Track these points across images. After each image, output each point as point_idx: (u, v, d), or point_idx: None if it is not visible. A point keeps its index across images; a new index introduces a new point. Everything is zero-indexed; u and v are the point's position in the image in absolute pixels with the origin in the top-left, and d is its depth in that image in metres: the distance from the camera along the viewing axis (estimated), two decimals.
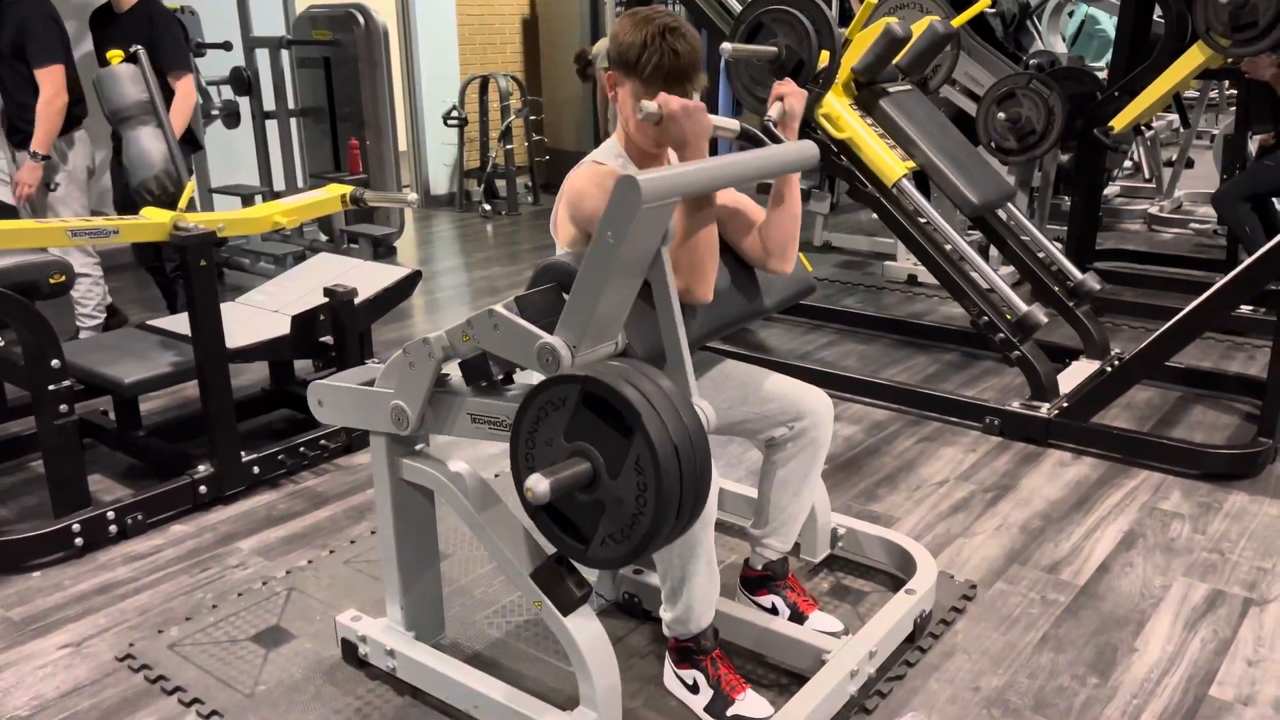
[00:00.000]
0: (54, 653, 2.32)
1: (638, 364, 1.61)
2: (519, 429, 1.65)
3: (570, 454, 1.59)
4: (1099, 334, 3.90)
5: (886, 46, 3.71)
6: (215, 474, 2.99)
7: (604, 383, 1.52)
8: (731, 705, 2.00)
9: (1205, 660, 2.24)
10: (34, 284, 2.71)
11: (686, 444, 1.54)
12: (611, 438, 1.55)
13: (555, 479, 1.53)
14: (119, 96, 3.26)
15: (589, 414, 1.56)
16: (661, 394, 1.55)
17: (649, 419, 1.51)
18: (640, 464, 1.52)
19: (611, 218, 1.61)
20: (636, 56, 1.94)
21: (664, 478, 1.50)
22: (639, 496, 1.53)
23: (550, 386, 1.60)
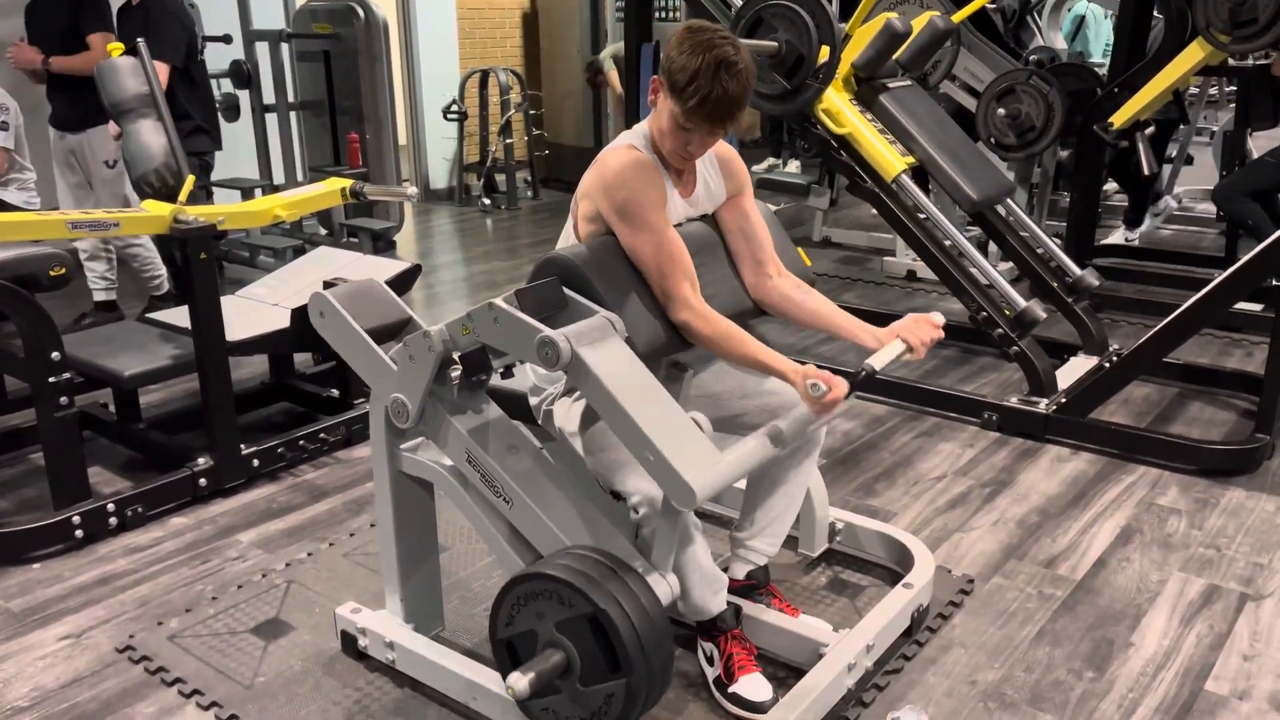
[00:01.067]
0: (54, 644, 2.33)
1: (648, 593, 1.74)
2: (516, 585, 1.77)
3: (552, 642, 1.74)
4: (1097, 330, 3.90)
5: (887, 42, 3.71)
6: (215, 467, 2.99)
7: (616, 626, 1.66)
8: (732, 684, 2.03)
9: (1201, 655, 2.25)
10: (34, 276, 2.71)
11: (658, 690, 1.74)
12: (598, 660, 1.71)
13: (536, 675, 1.69)
14: (119, 89, 3.26)
15: (588, 630, 1.70)
16: (659, 644, 1.70)
17: (639, 675, 1.67)
18: (612, 700, 1.69)
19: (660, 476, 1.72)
20: (685, 84, 1.90)
21: (626, 718, 1.69)
22: (595, 713, 1.73)
23: (566, 586, 1.70)
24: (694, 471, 1.68)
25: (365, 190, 3.29)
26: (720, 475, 1.73)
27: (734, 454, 1.80)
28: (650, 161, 2.01)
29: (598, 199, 2.01)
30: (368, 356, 2.05)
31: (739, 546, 2.26)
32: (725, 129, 1.98)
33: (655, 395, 1.78)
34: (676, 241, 2.00)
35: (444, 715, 2.05)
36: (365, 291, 2.18)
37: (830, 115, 3.71)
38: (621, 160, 1.99)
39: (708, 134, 1.98)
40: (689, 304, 1.98)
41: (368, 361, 2.05)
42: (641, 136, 2.07)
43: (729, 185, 2.21)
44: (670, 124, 1.97)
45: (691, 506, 1.69)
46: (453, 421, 1.95)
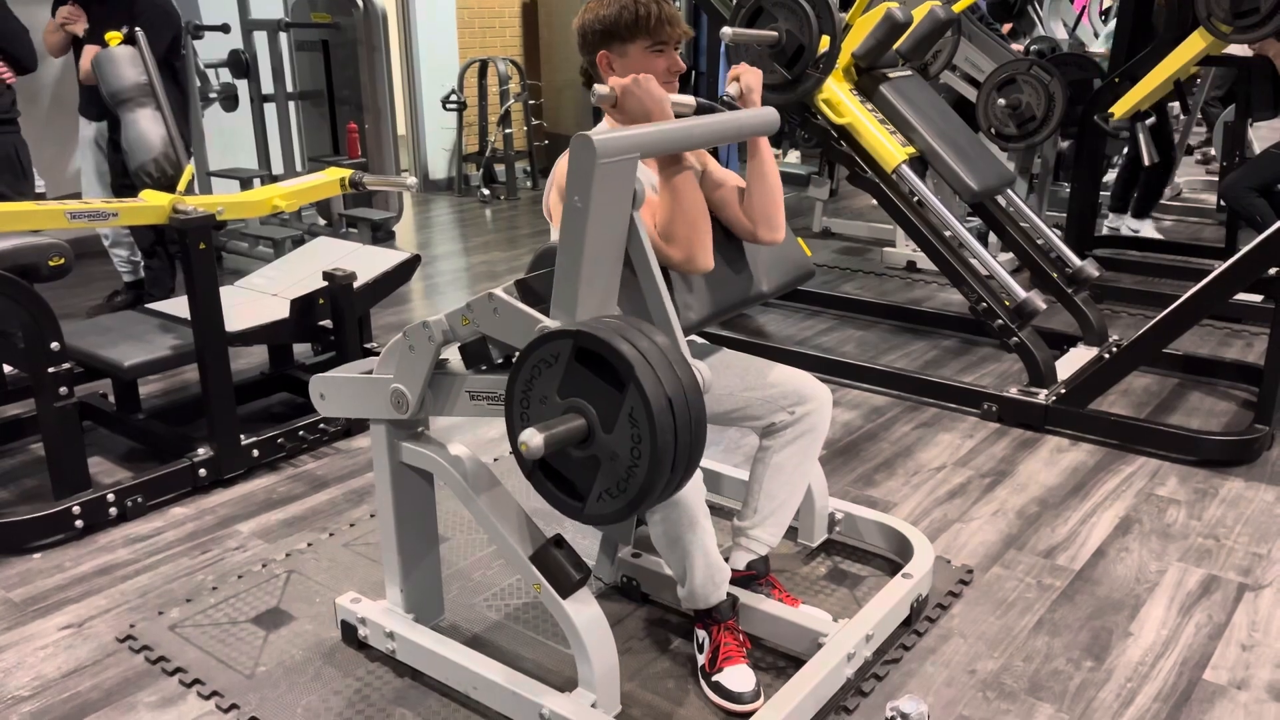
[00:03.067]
0: (55, 634, 2.33)
1: (631, 320, 1.61)
2: (513, 389, 1.64)
3: (564, 410, 1.59)
4: (1097, 320, 3.90)
5: (887, 31, 3.70)
6: (215, 457, 2.99)
7: (596, 336, 1.52)
8: (717, 673, 2.05)
9: (1199, 645, 2.25)
10: (33, 266, 2.70)
11: (680, 396, 1.54)
12: (605, 392, 1.54)
13: (549, 433, 1.53)
14: (117, 79, 3.25)
15: (582, 369, 1.56)
16: (655, 347, 1.54)
17: (642, 371, 1.50)
18: (634, 416, 1.52)
19: (574, 180, 1.64)
20: (630, 19, 2.02)
21: (658, 429, 1.50)
22: (633, 449, 1.53)
23: (543, 343, 1.59)
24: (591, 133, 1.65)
25: (364, 180, 3.28)
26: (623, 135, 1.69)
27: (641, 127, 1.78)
28: None
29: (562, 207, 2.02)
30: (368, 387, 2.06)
31: (741, 536, 2.27)
32: (673, 36, 2.07)
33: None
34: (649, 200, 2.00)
35: (444, 705, 2.06)
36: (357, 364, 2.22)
37: (830, 105, 3.71)
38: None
39: (676, 40, 2.08)
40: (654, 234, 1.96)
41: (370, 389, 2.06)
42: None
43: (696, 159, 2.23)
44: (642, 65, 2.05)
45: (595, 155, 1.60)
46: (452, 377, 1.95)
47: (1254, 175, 4.75)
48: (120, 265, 4.80)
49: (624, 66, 2.07)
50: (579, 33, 2.10)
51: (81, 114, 4.52)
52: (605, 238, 1.72)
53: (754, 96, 2.08)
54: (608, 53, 2.07)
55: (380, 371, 2.03)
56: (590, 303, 1.73)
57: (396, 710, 2.05)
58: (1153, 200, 5.88)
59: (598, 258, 1.72)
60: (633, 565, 2.39)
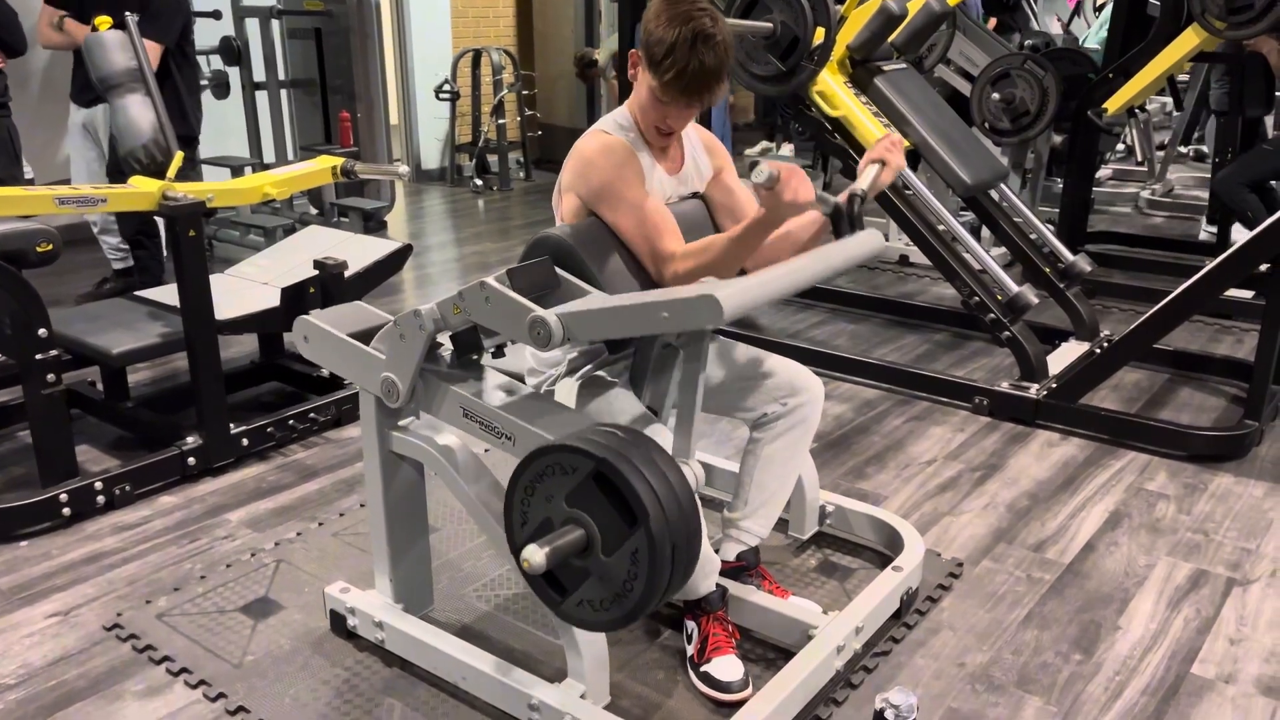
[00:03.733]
0: (41, 621, 2.32)
1: (651, 445, 1.62)
2: (520, 476, 1.66)
3: (567, 519, 1.61)
4: (1089, 316, 3.91)
5: (882, 24, 3.69)
6: (204, 446, 2.98)
7: (620, 471, 1.54)
8: (705, 664, 2.05)
9: (1188, 639, 2.26)
10: (21, 252, 2.68)
11: (684, 541, 1.59)
12: (613, 519, 1.58)
13: (552, 548, 1.56)
14: (107, 64, 3.22)
15: (595, 489, 1.58)
16: (670, 489, 1.57)
17: (655, 519, 1.54)
18: (637, 556, 1.56)
19: (681, 315, 1.61)
20: (661, 57, 1.89)
21: (657, 573, 1.55)
22: (627, 581, 1.59)
23: (563, 452, 1.60)
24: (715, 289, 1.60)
25: (356, 169, 3.26)
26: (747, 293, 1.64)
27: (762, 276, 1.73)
28: (619, 142, 2.00)
29: (577, 188, 2.02)
30: (356, 355, 2.04)
31: (731, 527, 2.27)
32: (702, 103, 1.96)
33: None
34: (656, 206, 1.99)
35: (433, 694, 2.05)
36: (347, 311, 2.18)
37: (824, 97, 3.70)
38: (592, 146, 2.00)
39: (684, 108, 1.97)
40: (675, 254, 1.95)
41: (357, 360, 2.04)
42: (619, 118, 2.07)
43: (713, 162, 2.22)
44: (649, 97, 1.97)
45: (720, 320, 1.57)
46: (446, 385, 1.94)
47: (1247, 171, 4.76)
48: (110, 252, 4.77)
49: (640, 81, 1.99)
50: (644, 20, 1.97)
51: (73, 100, 4.48)
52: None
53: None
54: (639, 59, 1.98)
55: (374, 347, 2.01)
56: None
57: (385, 700, 2.04)
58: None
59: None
60: None
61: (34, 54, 4.81)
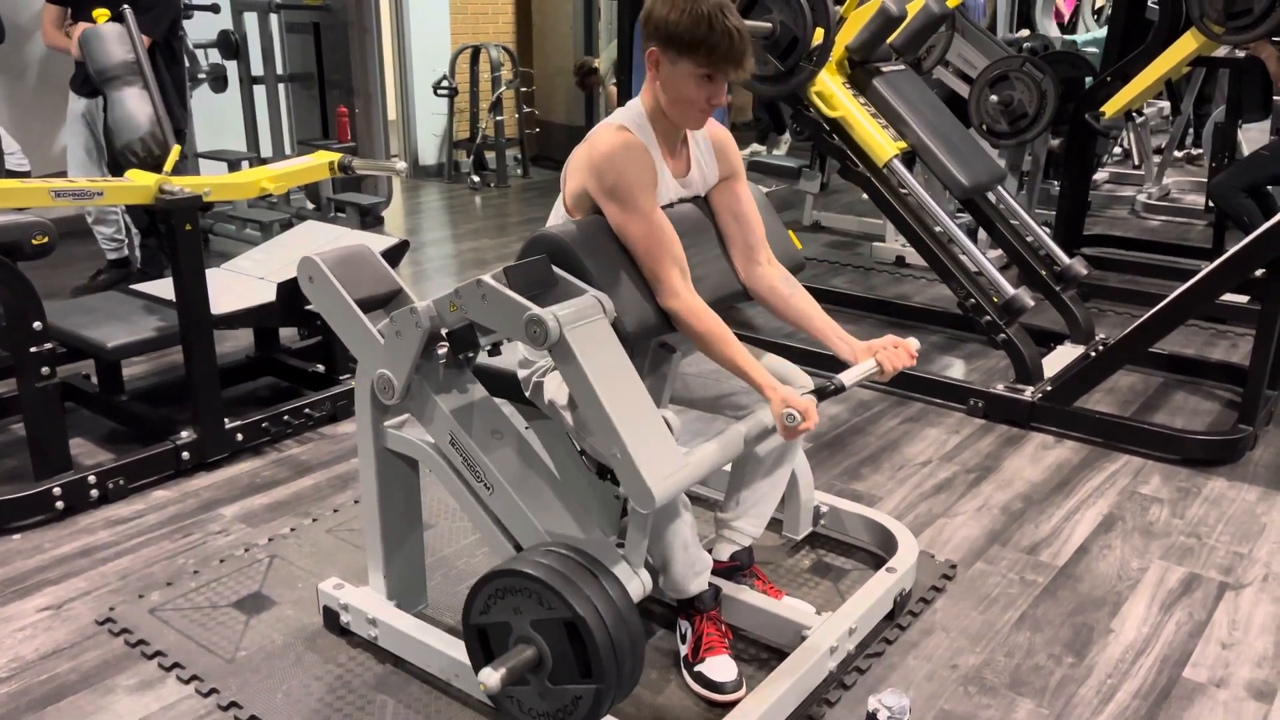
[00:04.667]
0: (33, 615, 2.31)
1: (632, 616, 1.73)
2: (496, 577, 1.76)
3: (526, 638, 1.74)
4: (1084, 319, 3.91)
5: (881, 25, 3.69)
6: (198, 440, 2.97)
7: (594, 637, 1.66)
8: (699, 664, 2.05)
9: (1180, 642, 2.26)
10: (17, 245, 2.67)
11: (624, 694, 1.74)
12: (570, 663, 1.70)
13: (507, 671, 1.68)
14: (104, 56, 3.22)
15: (563, 633, 1.69)
16: (631, 651, 1.70)
17: (610, 684, 1.67)
18: (580, 702, 1.71)
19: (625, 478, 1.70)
20: (699, 37, 1.88)
21: (593, 717, 1.70)
22: (562, 710, 1.73)
23: (547, 590, 1.69)
24: (655, 475, 1.68)
25: (354, 164, 3.26)
26: (679, 481, 1.74)
27: (695, 457, 1.81)
28: (641, 144, 1.99)
29: (586, 178, 1.99)
30: (355, 327, 2.03)
31: (724, 528, 2.26)
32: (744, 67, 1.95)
33: (631, 388, 1.76)
34: (666, 226, 1.98)
35: (425, 691, 2.05)
36: (356, 258, 2.14)
37: (823, 98, 3.70)
38: (611, 142, 1.97)
39: (732, 74, 1.95)
40: (678, 294, 1.95)
41: (355, 332, 2.03)
42: (634, 116, 2.05)
43: (721, 168, 2.19)
44: (688, 84, 1.93)
45: (650, 509, 1.69)
46: (438, 401, 1.94)
47: (1243, 176, 4.76)
48: (104, 243, 4.76)
49: (668, 76, 1.96)
50: (645, 14, 1.96)
51: (74, 90, 4.46)
52: None
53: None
54: (659, 53, 1.95)
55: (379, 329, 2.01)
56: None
57: (378, 697, 2.04)
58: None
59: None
60: None
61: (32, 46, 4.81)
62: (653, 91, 2.01)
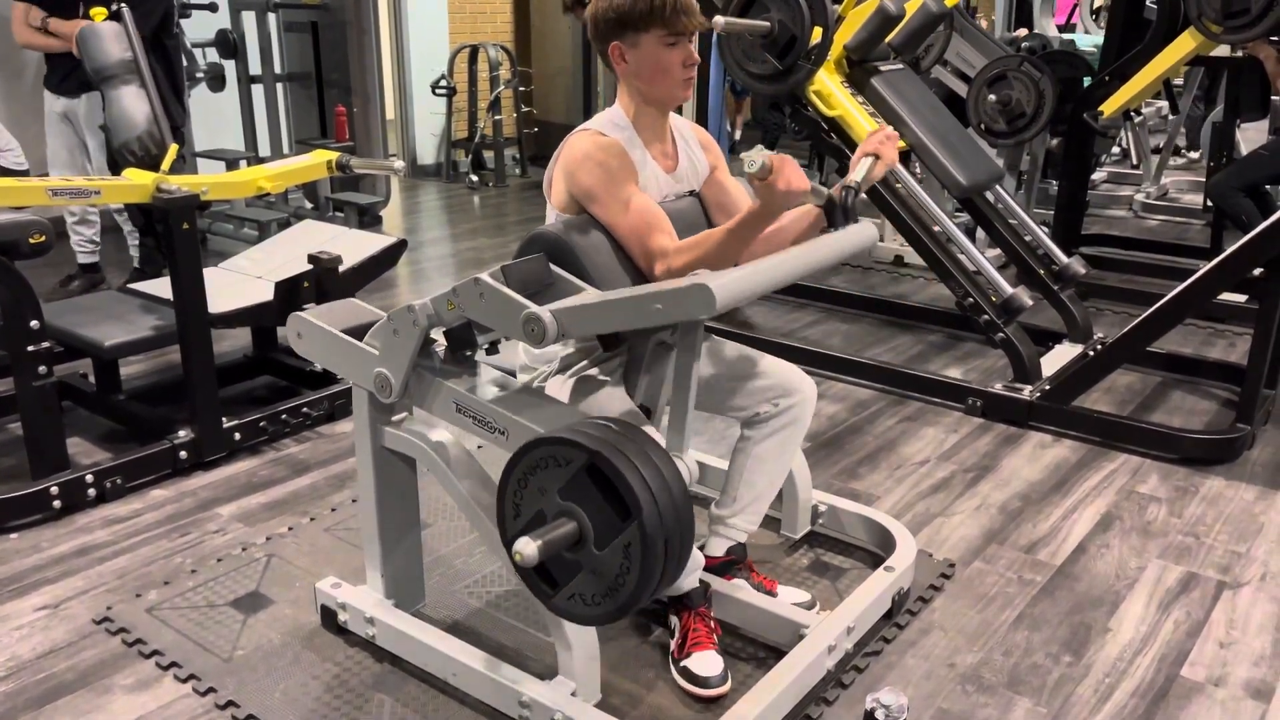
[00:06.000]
0: (31, 614, 2.31)
1: (645, 439, 1.63)
2: (513, 469, 1.66)
3: (560, 512, 1.61)
4: (1082, 318, 3.91)
5: (880, 24, 3.69)
6: (196, 439, 2.97)
7: (613, 464, 1.54)
8: (685, 659, 2.05)
9: (1178, 641, 2.26)
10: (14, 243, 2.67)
11: (677, 535, 1.58)
12: (606, 513, 1.57)
13: (544, 541, 1.55)
14: (102, 55, 3.21)
15: (589, 482, 1.58)
16: (663, 482, 1.57)
17: (649, 513, 1.53)
18: (630, 551, 1.56)
19: (674, 306, 1.60)
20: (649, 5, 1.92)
21: (650, 567, 1.55)
22: (619, 576, 1.58)
23: (557, 445, 1.60)
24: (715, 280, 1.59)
25: (351, 163, 3.25)
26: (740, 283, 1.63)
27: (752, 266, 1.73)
28: (613, 141, 2.01)
29: (567, 186, 2.02)
30: (349, 351, 2.04)
31: (719, 523, 2.27)
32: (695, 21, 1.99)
33: None
34: (647, 202, 1.99)
35: (423, 690, 2.05)
36: (341, 307, 2.18)
37: (821, 97, 3.70)
38: (583, 145, 2.00)
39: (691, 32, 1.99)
40: (666, 252, 1.95)
41: (350, 355, 2.04)
42: (611, 120, 2.07)
43: (708, 159, 2.22)
44: (657, 55, 1.98)
45: (712, 311, 1.57)
46: (439, 379, 1.93)
47: (1241, 175, 4.77)
48: (80, 245, 4.68)
49: (637, 59, 1.99)
50: (591, 20, 2.02)
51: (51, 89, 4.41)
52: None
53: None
54: (620, 44, 1.99)
55: (367, 342, 2.01)
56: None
57: (375, 695, 2.04)
58: None
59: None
60: None
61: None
62: (628, 87, 2.04)
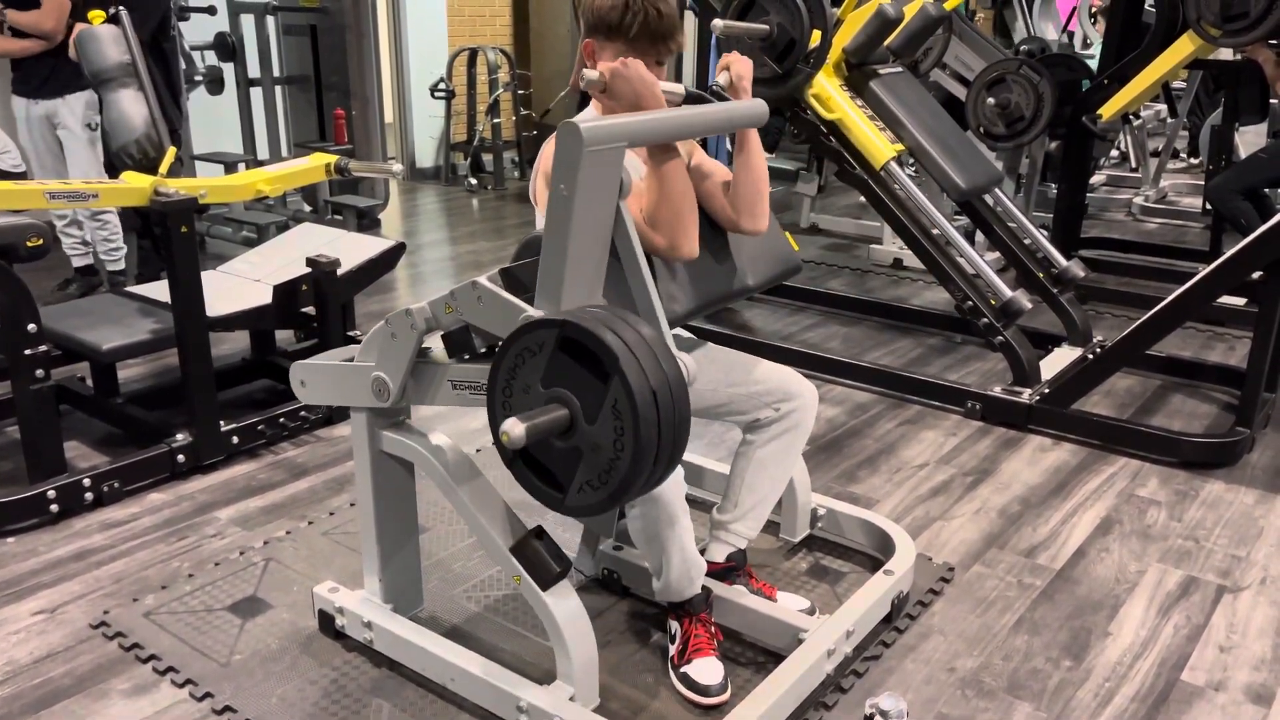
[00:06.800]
0: (28, 619, 2.30)
1: (616, 310, 1.59)
2: (496, 376, 1.62)
3: (547, 400, 1.56)
4: (1082, 321, 3.91)
5: (879, 28, 3.69)
6: (194, 443, 2.96)
7: (581, 326, 1.50)
8: (685, 665, 2.05)
9: (1178, 646, 2.26)
10: (11, 246, 2.66)
11: (665, 388, 1.52)
12: (589, 383, 1.52)
13: (531, 423, 1.51)
14: (100, 58, 3.21)
15: (566, 359, 1.54)
16: (639, 338, 1.52)
17: (626, 363, 1.48)
18: (618, 408, 1.50)
19: (560, 168, 1.62)
20: (619, 19, 1.94)
21: (641, 421, 1.48)
22: (616, 441, 1.51)
23: (527, 332, 1.57)
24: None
25: (350, 166, 3.25)
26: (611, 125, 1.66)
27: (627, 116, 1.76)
28: None
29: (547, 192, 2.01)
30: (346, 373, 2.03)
31: (720, 529, 2.26)
32: (670, 49, 2.00)
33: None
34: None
35: (421, 696, 2.04)
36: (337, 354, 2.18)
37: (820, 100, 3.70)
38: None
39: (656, 58, 2.00)
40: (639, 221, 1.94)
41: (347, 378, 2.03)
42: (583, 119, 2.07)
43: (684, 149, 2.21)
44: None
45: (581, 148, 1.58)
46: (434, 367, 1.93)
47: (1240, 178, 4.77)
48: (71, 248, 4.66)
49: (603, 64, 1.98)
50: (579, 10, 2.05)
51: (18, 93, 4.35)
52: (591, 227, 1.70)
53: (744, 85, 2.04)
54: (593, 42, 2.02)
55: (362, 359, 2.01)
56: (576, 292, 1.71)
57: (373, 701, 2.03)
58: None
59: (583, 247, 1.69)
60: (613, 558, 2.38)
61: None
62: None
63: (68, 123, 4.33)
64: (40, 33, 4.14)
